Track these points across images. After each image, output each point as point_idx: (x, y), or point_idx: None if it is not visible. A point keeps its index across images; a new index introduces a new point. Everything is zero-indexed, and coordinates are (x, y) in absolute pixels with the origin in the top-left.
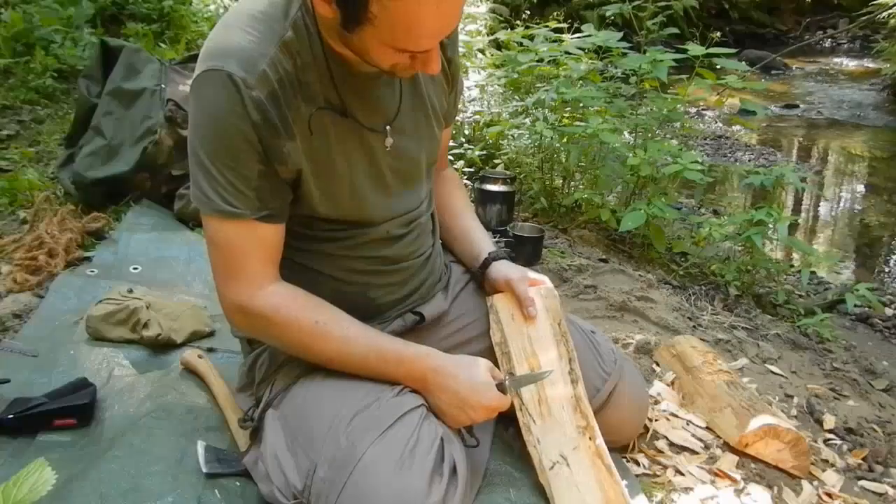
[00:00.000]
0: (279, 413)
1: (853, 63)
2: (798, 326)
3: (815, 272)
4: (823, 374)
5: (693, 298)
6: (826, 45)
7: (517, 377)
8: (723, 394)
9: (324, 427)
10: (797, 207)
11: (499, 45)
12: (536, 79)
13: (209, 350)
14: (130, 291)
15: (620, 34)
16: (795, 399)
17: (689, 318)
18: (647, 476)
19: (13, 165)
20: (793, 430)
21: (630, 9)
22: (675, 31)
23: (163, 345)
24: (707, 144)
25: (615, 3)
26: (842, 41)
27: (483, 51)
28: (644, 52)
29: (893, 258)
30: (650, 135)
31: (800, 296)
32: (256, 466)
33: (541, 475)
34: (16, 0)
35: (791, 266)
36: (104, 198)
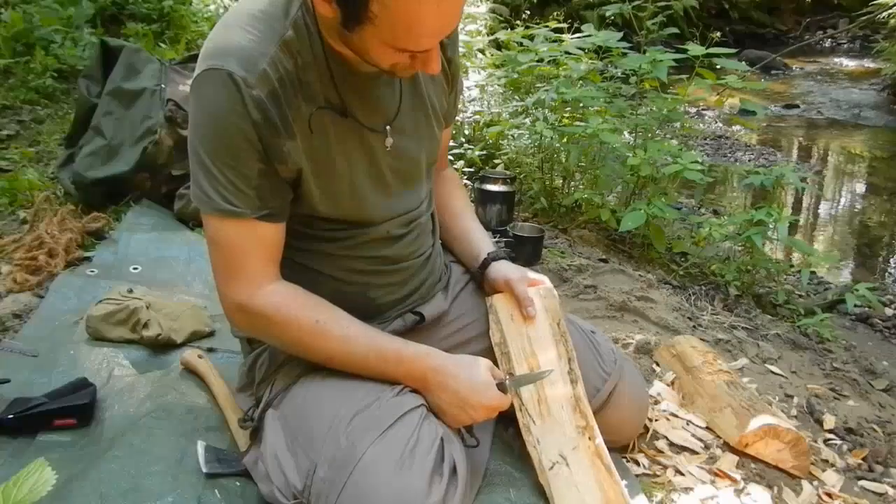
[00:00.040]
0: (279, 413)
1: (853, 63)
2: (798, 326)
3: (815, 272)
4: (823, 374)
5: (693, 298)
6: (826, 45)
7: (517, 377)
8: (723, 394)
9: (324, 427)
10: (797, 207)
11: (499, 45)
12: (536, 79)
13: (209, 350)
14: (130, 291)
15: (620, 34)
16: (795, 399)
17: (689, 318)
18: (647, 476)
19: (13, 165)
20: (793, 430)
21: (630, 9)
22: (675, 31)
23: (163, 345)
24: (707, 144)
25: (615, 3)
26: (842, 41)
27: (483, 51)
28: (644, 52)
29: (893, 258)
30: (650, 135)
31: (800, 296)
32: (256, 466)
33: (540, 475)
34: (16, 0)
35: (791, 266)
36: (104, 198)
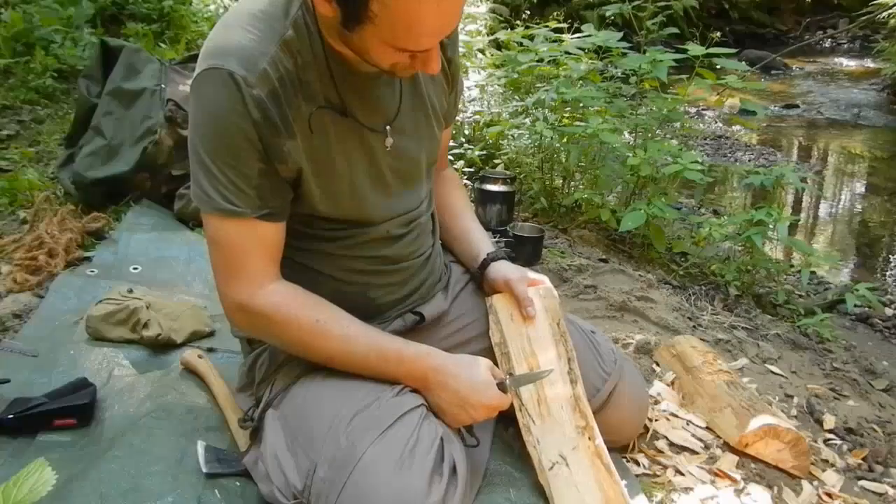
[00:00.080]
0: (279, 413)
1: (853, 63)
2: (798, 326)
3: (815, 272)
4: (823, 374)
5: (693, 298)
6: (826, 45)
7: (517, 376)
8: (723, 394)
9: (324, 427)
10: (797, 207)
11: (499, 45)
12: (536, 79)
13: (209, 350)
14: (130, 291)
15: (620, 34)
16: (795, 399)
17: (689, 318)
18: (647, 476)
19: (13, 165)
20: (793, 430)
21: (630, 9)
22: (675, 31)
23: (163, 345)
24: (707, 144)
25: (615, 3)
26: (842, 41)
27: (483, 51)
28: (644, 52)
29: (893, 258)
30: (650, 135)
31: (800, 296)
32: (256, 466)
33: (540, 475)
34: (16, 0)
35: (791, 266)
36: (104, 198)
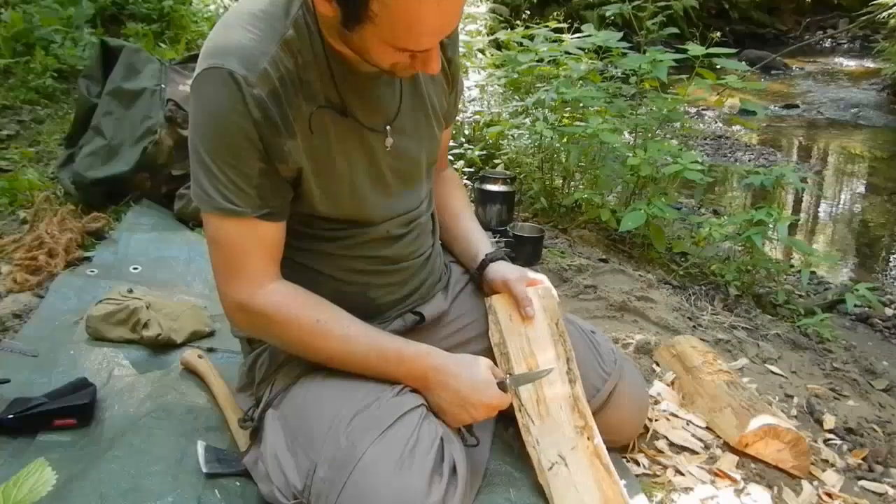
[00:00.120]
0: (279, 413)
1: (853, 63)
2: (798, 326)
3: (815, 272)
4: (823, 374)
5: (693, 298)
6: (826, 45)
7: (517, 376)
8: (723, 394)
9: (324, 427)
10: (797, 207)
11: (499, 45)
12: (536, 79)
13: (209, 350)
14: (130, 291)
15: (620, 34)
16: (795, 399)
17: (689, 318)
18: (647, 476)
19: (13, 165)
20: (793, 430)
21: (630, 9)
22: (675, 31)
23: (163, 345)
24: (707, 144)
25: (615, 3)
26: (842, 41)
27: (483, 51)
28: (644, 52)
29: (893, 258)
30: (650, 135)
31: (800, 296)
32: (256, 466)
33: (540, 476)
34: (16, 0)
35: (791, 266)
36: (104, 198)
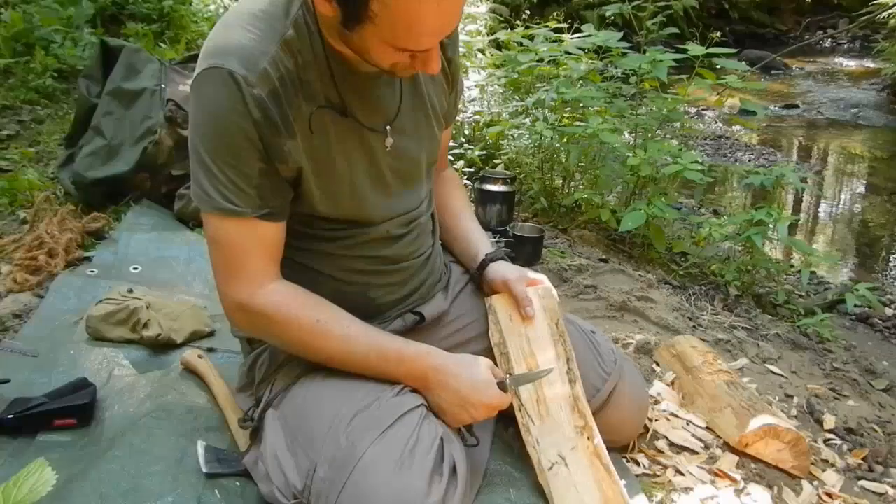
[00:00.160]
0: (279, 413)
1: (853, 63)
2: (798, 326)
3: (815, 272)
4: (823, 374)
5: (693, 298)
6: (826, 45)
7: (517, 375)
8: (723, 394)
9: (324, 427)
10: (797, 207)
11: (499, 45)
12: (536, 79)
13: (209, 350)
14: (130, 291)
15: (620, 34)
16: (795, 399)
17: (689, 318)
18: (647, 476)
19: (13, 165)
20: (793, 430)
21: (630, 9)
22: (675, 31)
23: (163, 345)
24: (707, 144)
25: (615, 3)
26: (842, 41)
27: (483, 51)
28: (644, 52)
29: (893, 258)
30: (650, 135)
31: (800, 296)
32: (256, 466)
33: (540, 476)
34: (16, 0)
35: (791, 266)
36: (104, 198)
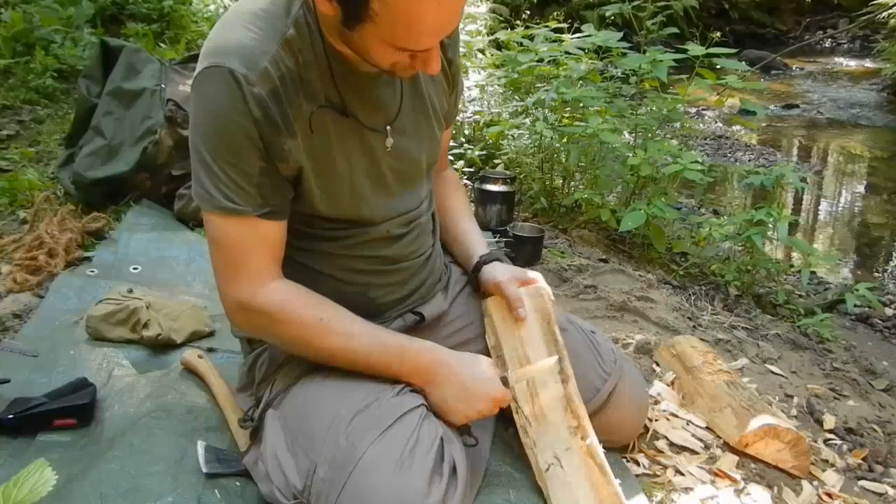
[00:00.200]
0: (279, 413)
1: (853, 63)
2: (798, 326)
3: (815, 272)
4: (823, 374)
5: (693, 298)
6: (826, 45)
7: (519, 371)
8: (723, 394)
9: (324, 427)
10: (797, 207)
11: (499, 45)
12: (536, 79)
13: (209, 350)
14: (130, 291)
15: (620, 34)
16: (795, 399)
17: (689, 318)
18: (647, 476)
19: (13, 165)
20: (793, 430)
21: (630, 9)
22: (675, 31)
23: (163, 345)
24: (707, 144)
25: (615, 3)
26: (842, 41)
27: (483, 51)
28: (644, 52)
29: (893, 258)
30: (650, 135)
31: (800, 296)
32: (256, 466)
33: (538, 477)
34: (16, 0)
35: (791, 266)
36: (104, 198)
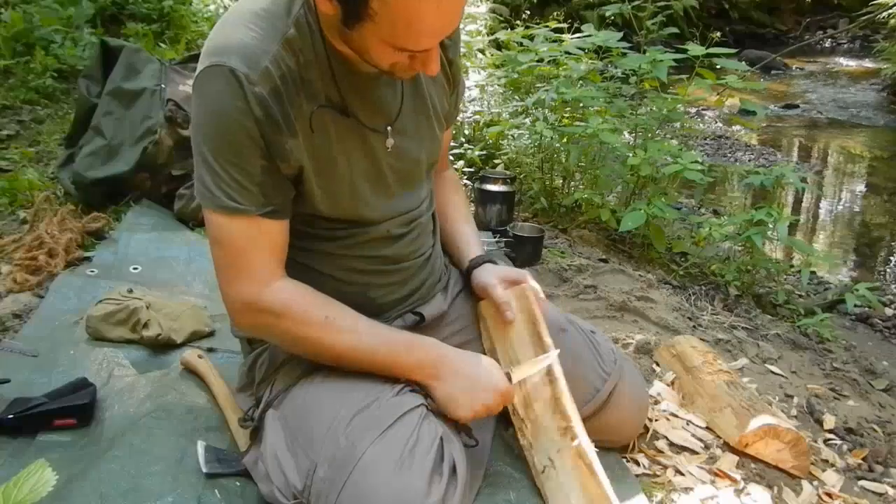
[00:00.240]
0: (279, 413)
1: (853, 63)
2: (798, 326)
3: (815, 272)
4: (823, 374)
5: (693, 298)
6: (826, 45)
7: (520, 367)
8: (723, 394)
9: (323, 427)
10: (797, 207)
11: (499, 45)
12: (536, 79)
13: (209, 350)
14: (130, 291)
15: (620, 34)
16: (795, 399)
17: (689, 318)
18: (647, 476)
19: (13, 165)
20: (793, 430)
21: (630, 9)
22: (675, 31)
23: (163, 345)
24: (707, 144)
25: (615, 3)
26: (842, 41)
27: (483, 51)
28: (644, 52)
29: (893, 258)
30: (650, 135)
31: (800, 296)
32: (256, 466)
33: (536, 478)
34: (16, 0)
35: (791, 266)
36: (104, 198)
